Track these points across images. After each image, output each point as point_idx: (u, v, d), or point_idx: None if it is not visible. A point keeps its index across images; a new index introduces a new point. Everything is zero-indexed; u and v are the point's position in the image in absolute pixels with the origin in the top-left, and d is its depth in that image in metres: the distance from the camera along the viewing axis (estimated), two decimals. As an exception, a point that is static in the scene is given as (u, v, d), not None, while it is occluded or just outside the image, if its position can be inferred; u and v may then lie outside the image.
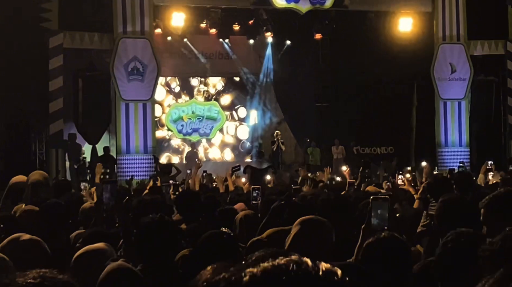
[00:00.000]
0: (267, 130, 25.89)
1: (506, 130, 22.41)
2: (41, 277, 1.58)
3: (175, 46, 24.12)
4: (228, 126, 26.03)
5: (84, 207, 5.68)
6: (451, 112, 21.97)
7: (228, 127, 26.05)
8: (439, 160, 21.40)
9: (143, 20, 20.07)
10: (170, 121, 25.16)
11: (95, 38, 19.86)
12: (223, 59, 25.56)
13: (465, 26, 21.89)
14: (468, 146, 21.99)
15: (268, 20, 22.68)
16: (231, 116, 26.13)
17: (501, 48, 22.31)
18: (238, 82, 26.11)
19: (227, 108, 26.03)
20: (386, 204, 3.93)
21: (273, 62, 25.79)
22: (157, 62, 20.17)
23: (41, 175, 6.90)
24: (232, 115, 26.16)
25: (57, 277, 1.62)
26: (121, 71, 19.67)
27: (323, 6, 21.20)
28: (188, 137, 25.28)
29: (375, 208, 3.92)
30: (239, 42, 24.79)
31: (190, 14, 21.22)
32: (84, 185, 8.24)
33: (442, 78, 21.89)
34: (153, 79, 20.14)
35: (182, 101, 25.55)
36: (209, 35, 23.27)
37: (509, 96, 22.24)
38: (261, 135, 26.01)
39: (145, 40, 20.09)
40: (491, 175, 10.94)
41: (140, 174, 19.10)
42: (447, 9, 21.90)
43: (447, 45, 21.99)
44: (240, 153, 25.96)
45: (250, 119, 26.26)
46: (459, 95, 21.95)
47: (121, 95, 19.71)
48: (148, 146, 20.08)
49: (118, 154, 19.97)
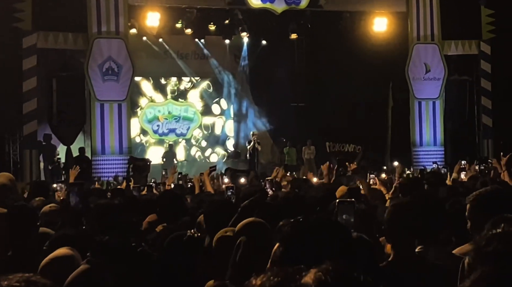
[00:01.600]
0: (244, 129, 25.92)
1: (480, 129, 22.59)
2: (25, 281, 1.59)
3: (150, 46, 24.02)
4: (205, 126, 26.00)
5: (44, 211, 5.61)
6: (426, 111, 22.12)
7: (205, 127, 26.02)
8: (414, 160, 21.53)
9: (117, 20, 19.97)
10: (145, 121, 25.05)
11: (69, 38, 19.73)
12: (199, 59, 25.52)
13: (439, 26, 22.06)
14: (442, 145, 22.15)
15: (244, 20, 22.66)
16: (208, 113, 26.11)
17: (475, 48, 22.50)
18: (214, 82, 26.09)
19: (203, 108, 26.00)
20: (351, 207, 3.93)
21: (248, 62, 25.82)
22: (132, 62, 20.09)
23: (7, 178, 6.82)
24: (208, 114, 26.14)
25: (41, 282, 1.62)
26: (96, 72, 19.57)
27: (298, 6, 21.24)
28: (164, 137, 25.21)
29: (341, 212, 3.92)
30: (214, 42, 24.77)
31: (165, 14, 21.15)
32: (60, 186, 8.17)
33: (417, 77, 22.03)
34: (128, 79, 20.06)
35: (158, 101, 25.48)
36: (184, 35, 23.22)
37: (483, 96, 22.42)
38: (238, 135, 26.04)
39: (120, 40, 19.99)
40: (464, 174, 11.00)
41: (115, 174, 19.02)
42: (421, 9, 22.04)
43: (422, 45, 22.13)
44: (218, 153, 25.97)
45: (226, 118, 26.26)
46: (434, 94, 22.10)
47: (96, 95, 19.61)
48: (123, 147, 20.00)
49: (93, 155, 19.86)
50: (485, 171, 12.41)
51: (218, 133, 26.24)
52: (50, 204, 6.06)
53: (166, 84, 25.61)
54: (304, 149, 23.62)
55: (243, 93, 26.20)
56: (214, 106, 26.21)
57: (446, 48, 22.30)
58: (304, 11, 21.82)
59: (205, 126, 26.01)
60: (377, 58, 21.70)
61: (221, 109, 26.23)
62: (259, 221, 3.98)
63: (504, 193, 4.07)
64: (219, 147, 26.12)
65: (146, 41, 23.46)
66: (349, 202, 4.00)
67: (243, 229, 3.87)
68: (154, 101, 25.33)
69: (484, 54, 22.33)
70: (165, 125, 25.28)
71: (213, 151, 26.00)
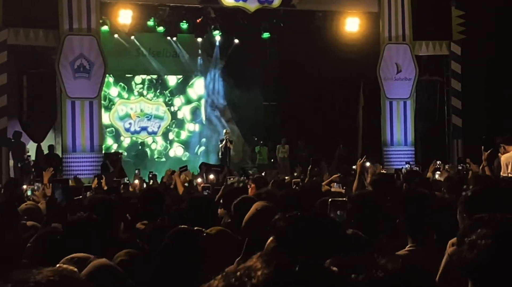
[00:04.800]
0: (215, 128, 25.90)
1: (450, 129, 22.80)
2: (58, 275, 1.54)
3: (122, 44, 23.87)
4: (176, 123, 25.94)
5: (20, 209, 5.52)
6: (397, 111, 22.26)
7: (176, 124, 25.96)
8: (384, 159, 21.65)
9: (89, 17, 19.79)
10: (116, 118, 24.89)
11: (40, 35, 19.49)
12: (171, 57, 25.44)
13: (410, 26, 22.22)
14: (413, 145, 22.31)
15: (216, 19, 22.64)
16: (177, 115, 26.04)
17: (445, 48, 22.70)
18: (185, 79, 26.04)
19: (174, 105, 25.94)
20: (344, 206, 3.96)
21: (221, 60, 25.79)
22: (104, 59, 19.93)
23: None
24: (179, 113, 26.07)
25: (74, 276, 1.58)
26: (67, 69, 19.37)
27: (271, 5, 21.25)
28: (136, 135, 25.08)
29: (333, 211, 3.94)
30: (187, 40, 24.70)
31: (138, 11, 21.01)
32: (38, 186, 8.06)
33: (388, 77, 22.16)
34: (100, 76, 19.89)
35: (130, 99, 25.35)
36: (156, 33, 23.13)
37: (453, 96, 22.63)
38: (209, 133, 26.01)
39: (91, 38, 19.81)
40: (438, 174, 11.11)
41: (86, 173, 18.86)
42: (393, 10, 22.19)
43: (393, 45, 22.28)
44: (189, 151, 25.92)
45: (198, 117, 26.22)
46: (405, 94, 22.25)
47: (67, 92, 19.41)
48: (94, 145, 19.83)
49: (63, 153, 19.66)
50: (463, 171, 12.53)
51: (191, 130, 26.18)
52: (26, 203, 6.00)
53: (137, 82, 25.47)
54: (278, 148, 23.68)
55: (215, 91, 26.15)
56: (184, 104, 26.13)
57: (417, 48, 22.48)
58: (276, 10, 21.83)
59: (176, 124, 25.94)
60: (348, 57, 21.82)
61: (192, 107, 26.17)
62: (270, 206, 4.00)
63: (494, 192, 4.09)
64: (192, 145, 26.08)
65: (117, 38, 23.28)
66: (342, 201, 4.04)
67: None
68: (126, 99, 25.20)
69: (455, 54, 22.55)
70: (137, 123, 25.15)
71: (185, 149, 25.95)
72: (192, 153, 25.79)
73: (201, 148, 25.91)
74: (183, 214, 5.52)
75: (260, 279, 1.29)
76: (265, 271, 1.29)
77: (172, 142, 25.81)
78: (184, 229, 4.05)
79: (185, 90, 26.14)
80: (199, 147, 25.97)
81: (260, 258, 1.35)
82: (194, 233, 3.99)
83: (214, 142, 25.26)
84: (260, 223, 3.78)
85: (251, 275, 1.30)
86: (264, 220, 3.83)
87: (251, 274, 1.30)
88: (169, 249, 3.81)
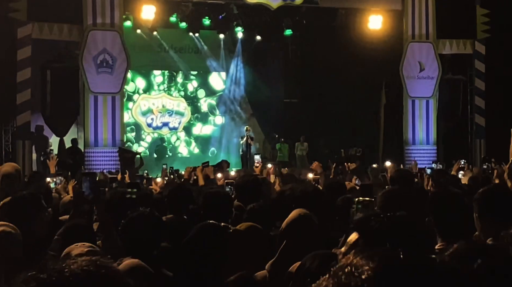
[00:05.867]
0: (235, 125, 25.92)
1: (473, 129, 22.64)
2: (95, 265, 1.53)
3: (145, 39, 23.92)
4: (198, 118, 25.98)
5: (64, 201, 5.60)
6: (419, 110, 22.15)
7: (199, 119, 26.00)
8: (406, 158, 21.54)
9: (113, 12, 19.89)
10: (139, 113, 24.97)
11: (64, 30, 19.61)
12: (193, 53, 25.46)
13: (434, 25, 22.09)
14: (435, 144, 22.19)
15: (239, 15, 22.64)
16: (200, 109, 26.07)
17: (469, 47, 22.54)
18: (207, 76, 26.06)
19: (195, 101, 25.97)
20: (371, 206, 3.92)
21: (242, 57, 25.79)
22: (126, 55, 20.00)
23: (13, 167, 6.80)
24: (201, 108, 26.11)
25: (108, 265, 1.57)
26: (90, 63, 19.48)
27: (293, 2, 21.22)
28: (158, 131, 25.16)
29: (359, 210, 3.89)
30: (209, 36, 24.71)
31: (161, 7, 21.07)
32: (60, 179, 8.09)
33: (411, 76, 22.05)
34: (122, 72, 19.98)
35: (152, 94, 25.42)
36: (179, 29, 23.16)
37: (476, 95, 22.47)
38: (229, 130, 26.03)
39: (115, 33, 19.91)
40: (462, 173, 11.01)
41: (108, 167, 18.94)
42: (416, 8, 22.07)
43: (416, 43, 22.16)
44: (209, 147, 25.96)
45: (219, 113, 26.24)
46: (427, 93, 22.13)
47: (90, 87, 19.53)
48: (116, 139, 19.92)
49: (86, 147, 19.78)
50: (488, 170, 12.42)
51: (212, 125, 26.21)
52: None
53: (159, 78, 25.53)
54: (297, 145, 23.64)
55: (236, 88, 26.16)
56: (207, 100, 26.16)
57: (440, 47, 22.34)
58: (299, 7, 21.80)
59: (198, 118, 25.99)
60: (371, 55, 21.70)
61: (213, 104, 26.20)
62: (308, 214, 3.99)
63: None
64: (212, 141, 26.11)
65: (140, 34, 23.34)
66: (368, 201, 3.99)
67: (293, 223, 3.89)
68: (148, 94, 25.27)
69: (479, 53, 22.38)
70: (159, 119, 25.22)
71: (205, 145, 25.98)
72: (214, 149, 25.81)
73: (221, 145, 25.91)
74: (200, 209, 5.54)
75: (370, 274, 1.31)
76: (372, 266, 1.32)
77: (192, 137, 25.82)
78: (209, 224, 4.04)
79: (207, 86, 26.14)
80: (220, 144, 25.97)
81: (358, 255, 1.38)
82: (219, 229, 3.98)
83: (234, 138, 25.27)
84: (302, 228, 3.85)
85: (359, 271, 1.32)
86: (305, 226, 3.85)
87: (358, 270, 1.32)
88: (193, 243, 3.81)
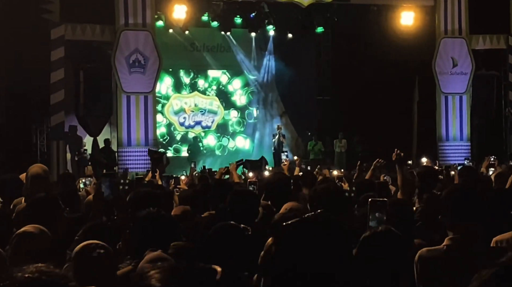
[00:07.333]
0: (268, 123, 25.95)
1: (507, 125, 22.39)
2: (38, 272, 1.57)
3: (177, 39, 24.06)
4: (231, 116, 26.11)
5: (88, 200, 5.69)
6: (452, 106, 21.96)
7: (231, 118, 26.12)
8: (440, 155, 21.38)
9: (144, 12, 20.05)
10: (171, 112, 25.12)
11: (97, 30, 19.84)
12: (225, 52, 25.52)
13: (467, 20, 21.87)
14: (469, 140, 21.98)
15: (270, 13, 22.66)
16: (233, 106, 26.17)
17: (503, 42, 22.27)
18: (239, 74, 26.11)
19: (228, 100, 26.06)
20: (384, 206, 3.92)
21: (274, 55, 25.79)
22: (158, 54, 20.15)
23: (41, 168, 6.88)
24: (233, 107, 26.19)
25: (54, 272, 1.61)
26: (123, 63, 19.67)
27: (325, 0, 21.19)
28: (190, 130, 25.29)
29: (372, 211, 3.90)
30: (240, 35, 24.77)
31: (192, 6, 21.17)
32: (89, 180, 8.18)
33: (444, 72, 21.87)
34: (154, 71, 20.13)
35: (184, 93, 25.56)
36: (210, 28, 23.25)
37: (510, 91, 22.22)
38: (262, 128, 26.06)
39: (146, 33, 20.07)
40: (492, 170, 10.91)
41: (141, 166, 19.14)
42: (449, 3, 21.87)
43: (449, 39, 21.96)
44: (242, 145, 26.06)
45: (252, 111, 26.30)
46: (461, 89, 21.93)
47: (123, 87, 19.71)
48: (149, 139, 20.09)
49: (119, 147, 19.99)
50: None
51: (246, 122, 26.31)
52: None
53: (191, 77, 25.65)
54: (336, 142, 23.62)
55: (268, 86, 26.18)
56: (239, 99, 26.23)
57: (473, 42, 22.11)
58: (330, 4, 21.74)
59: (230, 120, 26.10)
60: (403, 52, 21.58)
61: (246, 102, 26.26)
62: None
63: None
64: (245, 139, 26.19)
65: (172, 33, 23.47)
66: (381, 201, 4.00)
67: None
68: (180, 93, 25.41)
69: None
70: (192, 118, 25.35)
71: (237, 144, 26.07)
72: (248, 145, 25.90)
73: (255, 143, 25.97)
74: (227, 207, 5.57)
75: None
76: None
77: (226, 135, 25.92)
78: (227, 225, 4.05)
79: (240, 84, 26.20)
80: (253, 143, 26.03)
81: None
82: (237, 230, 3.98)
83: (267, 137, 25.31)
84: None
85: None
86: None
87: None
88: (209, 243, 3.84)
